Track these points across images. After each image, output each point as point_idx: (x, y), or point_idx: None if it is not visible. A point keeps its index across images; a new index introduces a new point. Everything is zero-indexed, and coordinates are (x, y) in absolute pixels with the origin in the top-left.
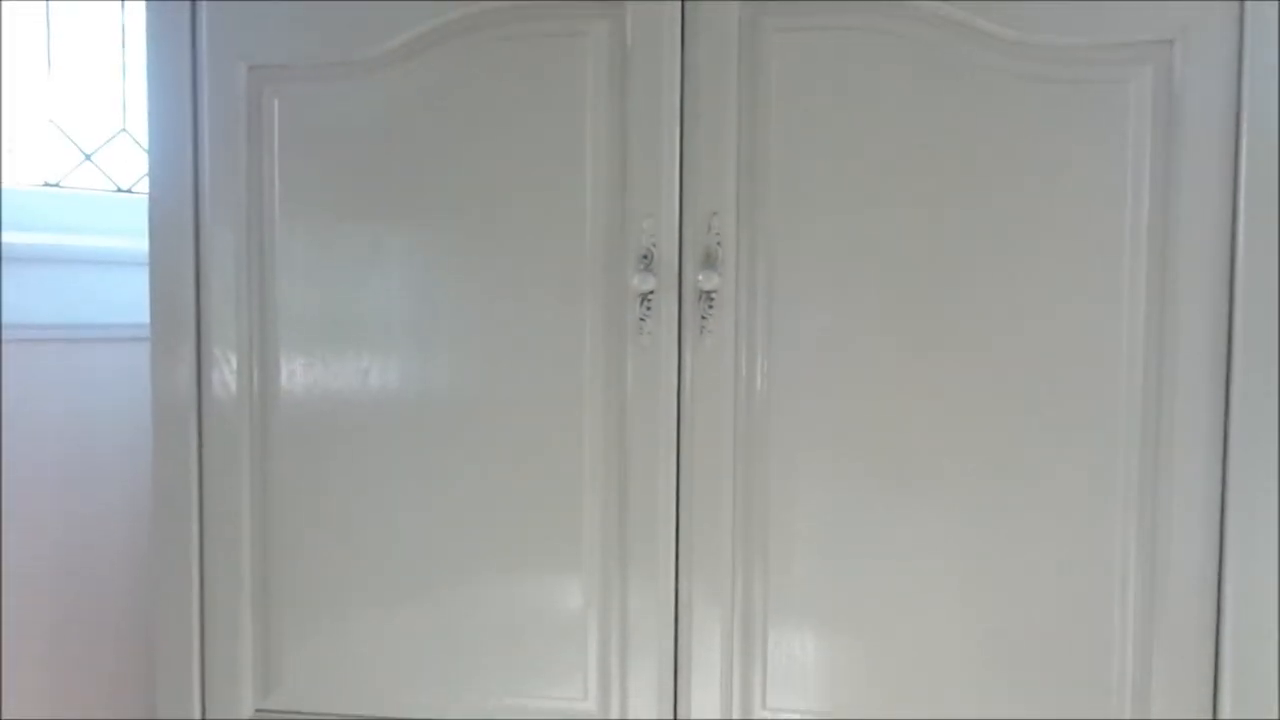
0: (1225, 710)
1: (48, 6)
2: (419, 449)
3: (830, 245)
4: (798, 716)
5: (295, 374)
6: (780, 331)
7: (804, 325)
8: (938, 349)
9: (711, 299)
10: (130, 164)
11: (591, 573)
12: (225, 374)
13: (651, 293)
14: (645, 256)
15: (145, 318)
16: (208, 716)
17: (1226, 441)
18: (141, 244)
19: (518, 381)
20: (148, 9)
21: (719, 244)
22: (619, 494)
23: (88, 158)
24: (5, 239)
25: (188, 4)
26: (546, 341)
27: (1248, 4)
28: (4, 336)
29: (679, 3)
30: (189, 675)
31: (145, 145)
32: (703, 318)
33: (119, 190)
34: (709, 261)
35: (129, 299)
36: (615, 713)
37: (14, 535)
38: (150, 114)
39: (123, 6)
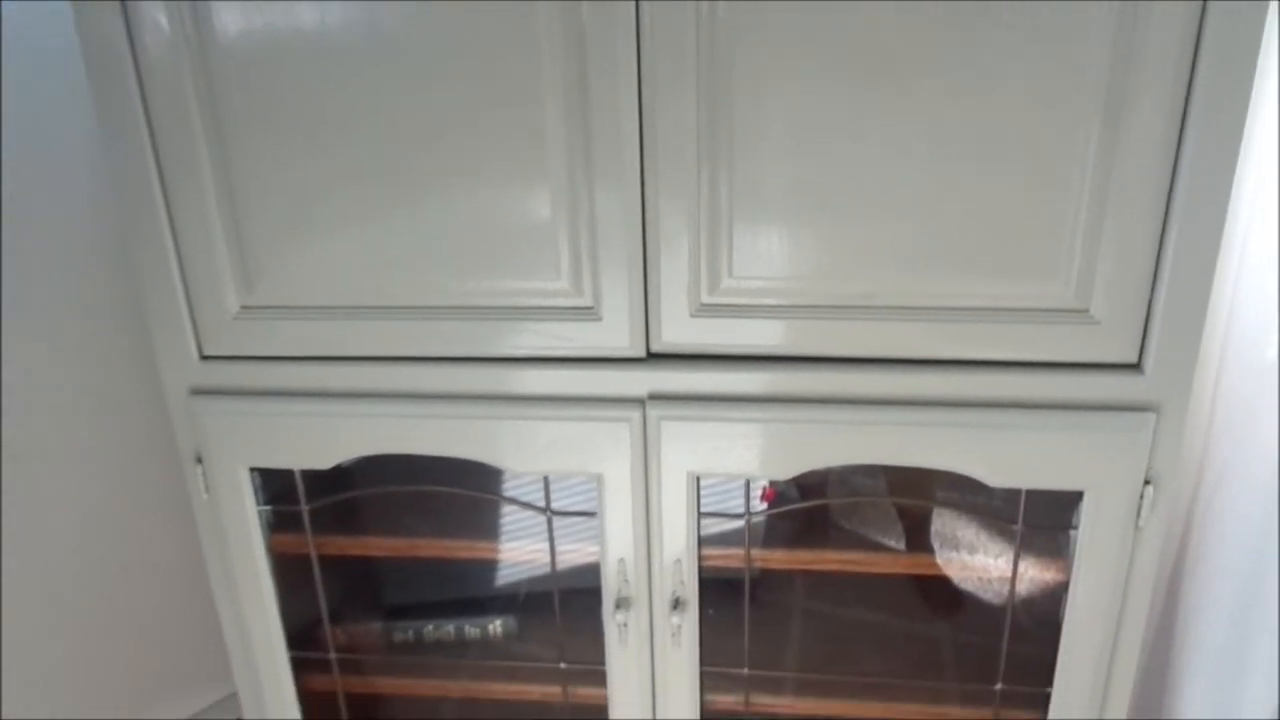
0: (1159, 304)
1: None
2: (373, 69)
3: None
4: (763, 281)
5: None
6: None
7: None
8: None
9: None
10: None
11: (558, 178)
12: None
13: None
14: None
15: None
16: (195, 314)
17: (1195, 61)
18: None
19: None
20: None
21: None
22: (580, 94)
23: None
24: None
25: None
26: None
27: None
28: None
29: None
30: (170, 283)
31: None
32: None
33: None
34: None
35: None
36: (588, 289)
37: None
38: None
39: None
